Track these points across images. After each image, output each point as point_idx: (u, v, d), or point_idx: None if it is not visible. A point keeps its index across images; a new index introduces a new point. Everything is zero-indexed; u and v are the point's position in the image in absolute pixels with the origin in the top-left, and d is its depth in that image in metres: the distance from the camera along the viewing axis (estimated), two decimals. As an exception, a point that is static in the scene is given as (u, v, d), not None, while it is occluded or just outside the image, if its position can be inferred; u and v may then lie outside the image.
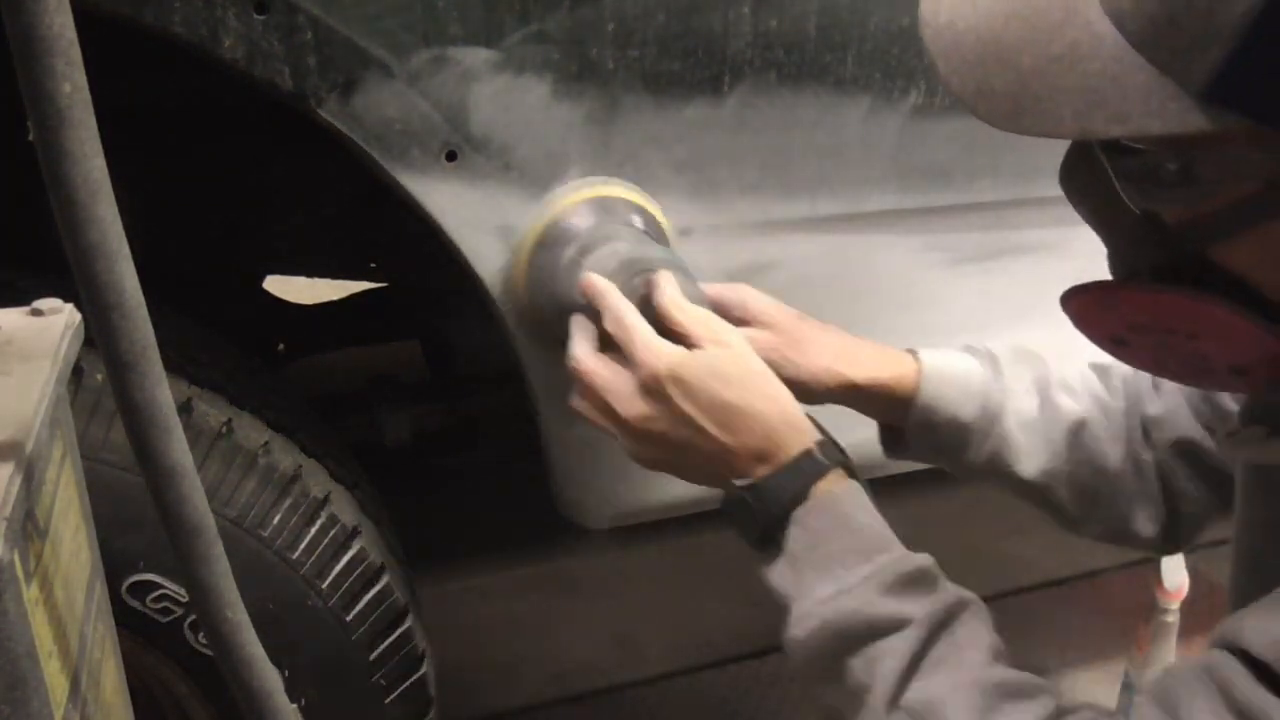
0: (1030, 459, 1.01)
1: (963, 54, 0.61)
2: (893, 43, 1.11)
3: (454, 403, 1.70)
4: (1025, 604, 2.25)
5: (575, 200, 1.02)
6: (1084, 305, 0.68)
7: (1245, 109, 0.51)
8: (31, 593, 0.55)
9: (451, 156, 0.99)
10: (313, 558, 1.03)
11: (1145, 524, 1.02)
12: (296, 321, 1.87)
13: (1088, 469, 1.02)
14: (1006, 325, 1.36)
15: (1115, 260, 0.65)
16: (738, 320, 0.96)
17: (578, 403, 0.89)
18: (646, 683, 2.00)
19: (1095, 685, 2.01)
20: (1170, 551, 1.04)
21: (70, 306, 0.71)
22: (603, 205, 1.03)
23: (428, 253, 1.12)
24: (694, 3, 1.02)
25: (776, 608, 0.84)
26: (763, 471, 0.81)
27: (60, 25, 0.51)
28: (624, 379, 0.84)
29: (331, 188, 1.51)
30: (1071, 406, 1.02)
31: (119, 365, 0.58)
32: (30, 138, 0.52)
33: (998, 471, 1.02)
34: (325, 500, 1.06)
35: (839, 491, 0.81)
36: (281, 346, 1.83)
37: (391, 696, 1.12)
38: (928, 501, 2.51)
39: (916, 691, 0.73)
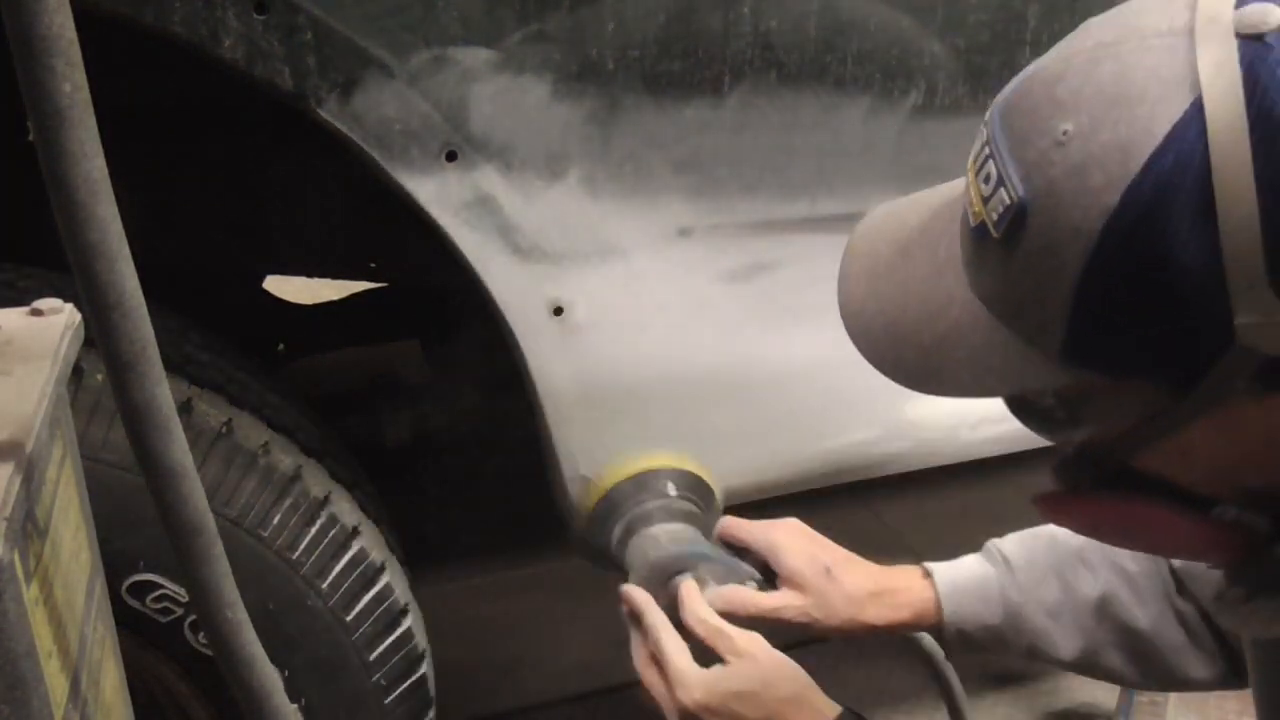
0: (1067, 642, 1.05)
1: (874, 335, 0.73)
2: (893, 43, 1.11)
3: (454, 403, 1.70)
4: (1025, 604, 2.25)
5: (616, 479, 1.20)
6: (1045, 511, 0.75)
7: (1095, 367, 0.61)
8: (31, 593, 0.55)
9: (451, 156, 0.99)
10: (313, 558, 1.03)
11: (1203, 669, 1.03)
12: (296, 321, 1.87)
13: (1126, 636, 1.04)
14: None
15: (1062, 472, 0.72)
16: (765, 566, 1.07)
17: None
18: (646, 683, 2.00)
19: (1095, 685, 2.01)
20: (1243, 685, 1.06)
21: (70, 306, 0.71)
22: (639, 484, 1.19)
23: (428, 253, 1.12)
24: (694, 3, 1.02)
25: None
26: None
27: (60, 25, 0.51)
28: (667, 700, 0.99)
29: (331, 188, 1.51)
30: (1091, 584, 1.05)
31: (119, 365, 0.58)
32: (30, 138, 0.52)
33: (1042, 658, 1.07)
34: (325, 500, 1.06)
35: None
36: (281, 346, 1.83)
37: (391, 696, 1.12)
38: (928, 502, 2.51)
39: None
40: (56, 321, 0.70)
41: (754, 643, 0.98)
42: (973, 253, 0.65)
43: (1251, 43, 0.54)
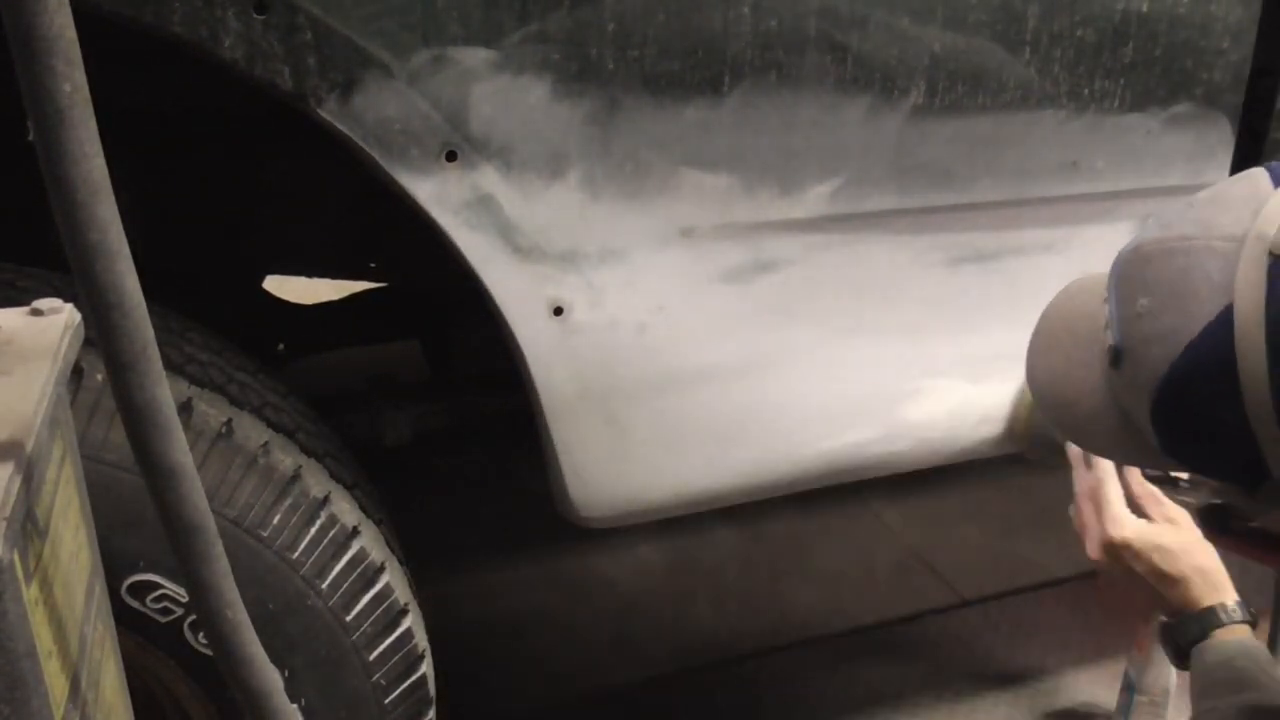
0: None
1: (1043, 396, 0.94)
2: (892, 43, 1.11)
3: (454, 403, 1.70)
4: (1025, 604, 2.25)
5: None
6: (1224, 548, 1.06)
7: (1186, 467, 0.85)
8: (31, 593, 0.55)
9: (451, 156, 0.99)
10: (313, 558, 1.03)
11: None
12: (296, 321, 1.87)
13: None
14: (1006, 325, 1.36)
15: (1202, 522, 1.07)
16: None
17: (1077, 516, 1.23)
18: (646, 683, 2.00)
19: (1095, 685, 2.01)
20: None
21: (70, 306, 0.71)
22: None
23: (428, 253, 1.12)
24: (694, 3, 1.02)
25: (775, 608, 0.90)
26: (1183, 613, 1.12)
27: (60, 25, 0.51)
28: (1095, 530, 1.17)
29: (331, 188, 1.51)
30: None
31: (119, 365, 0.58)
32: (30, 138, 0.52)
33: None
34: (325, 500, 1.06)
35: (1231, 640, 1.09)
36: (281, 346, 1.83)
37: (391, 696, 1.12)
38: (928, 502, 2.52)
39: None
40: (56, 321, 0.70)
41: (1181, 515, 1.14)
42: (1104, 358, 0.83)
43: (1279, 262, 0.69)
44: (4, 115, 0.73)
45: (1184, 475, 1.12)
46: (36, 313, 0.71)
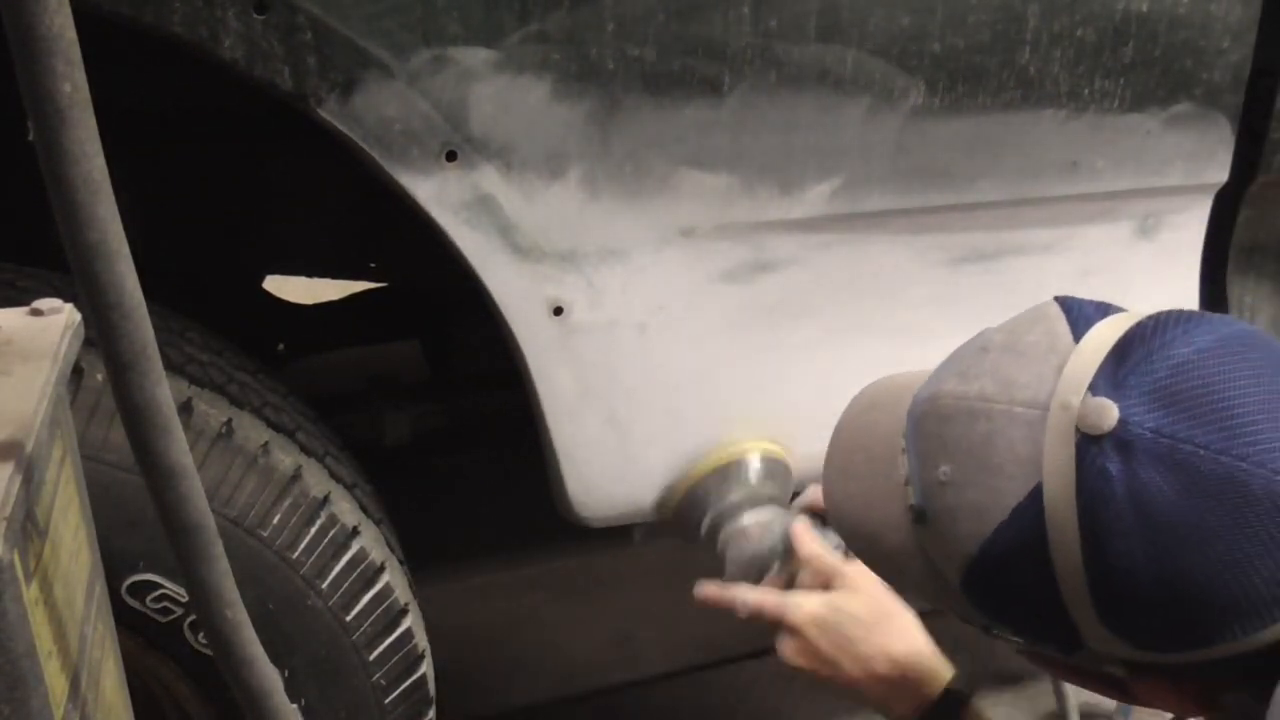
0: None
1: (846, 528, 0.89)
2: (893, 43, 1.11)
3: (454, 403, 1.70)
4: (1025, 604, 2.24)
5: (700, 473, 1.24)
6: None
7: (1002, 628, 0.76)
8: (31, 593, 0.55)
9: (451, 156, 0.99)
10: (313, 558, 1.03)
11: None
12: (296, 321, 1.87)
13: None
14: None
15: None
16: None
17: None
18: (646, 683, 2.00)
19: (1095, 685, 2.01)
20: None
21: (70, 306, 0.71)
22: (723, 474, 1.24)
23: (428, 253, 1.12)
24: (694, 3, 1.02)
25: None
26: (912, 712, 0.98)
27: (60, 25, 0.51)
28: (788, 611, 1.04)
29: (331, 188, 1.51)
30: None
31: (119, 365, 0.58)
32: (30, 138, 0.52)
33: None
34: (325, 500, 1.06)
35: None
36: (281, 346, 1.83)
37: (391, 696, 1.12)
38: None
39: None
40: (56, 321, 0.70)
41: (865, 574, 1.02)
42: (906, 511, 0.77)
43: (1088, 442, 0.64)
44: (4, 115, 0.73)
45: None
46: (36, 313, 0.71)
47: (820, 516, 1.12)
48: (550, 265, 1.08)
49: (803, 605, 1.03)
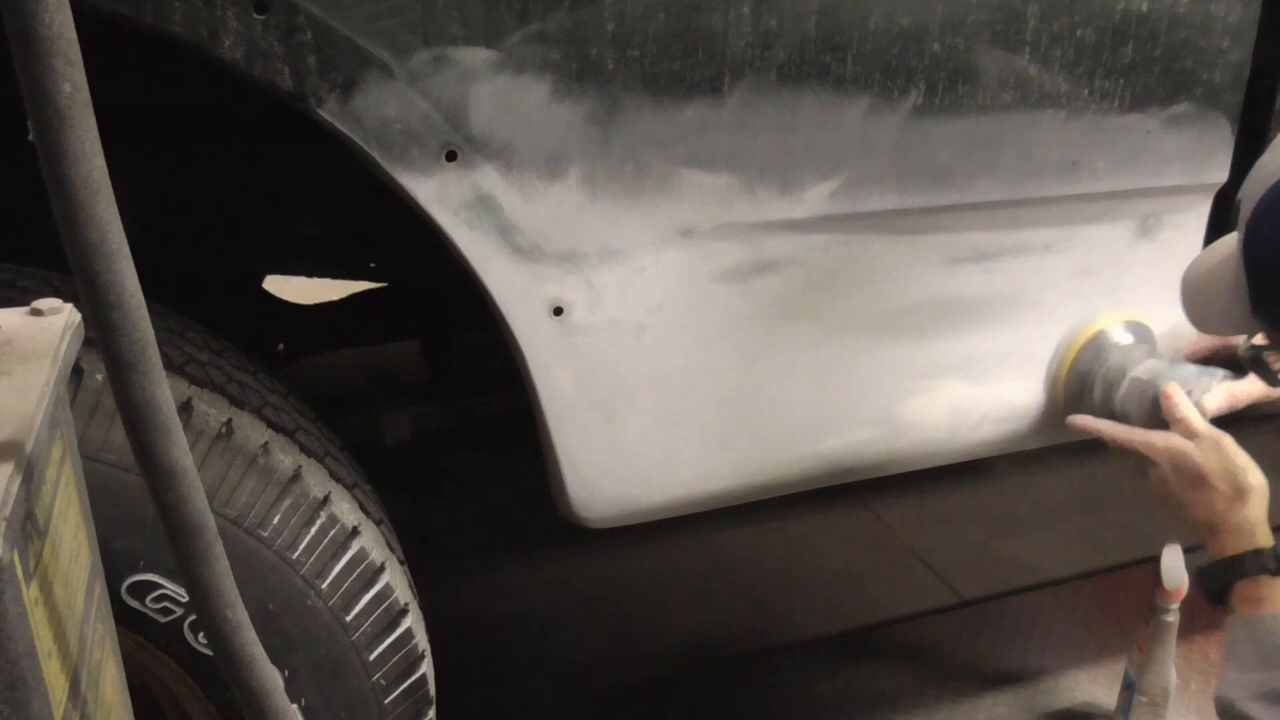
0: None
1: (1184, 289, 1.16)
2: (893, 43, 1.11)
3: (454, 403, 1.70)
4: (1025, 604, 2.25)
5: (1089, 334, 1.42)
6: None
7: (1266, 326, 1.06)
8: (31, 593, 0.55)
9: (451, 156, 0.99)
10: (313, 558, 1.03)
11: None
12: (296, 321, 1.87)
13: None
14: (1006, 325, 1.36)
15: None
16: None
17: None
18: (647, 682, 2.01)
19: (1095, 685, 2.01)
20: None
21: (70, 306, 0.71)
22: (1100, 342, 1.41)
23: (428, 253, 1.12)
24: (694, 3, 1.02)
25: (775, 608, 0.87)
26: (1215, 553, 1.20)
27: (60, 25, 0.51)
28: (1181, 426, 1.27)
29: (331, 188, 1.51)
30: None
31: (119, 365, 0.58)
32: (30, 138, 0.52)
33: None
34: (325, 500, 1.06)
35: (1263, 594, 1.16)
36: (281, 346, 1.83)
37: (391, 696, 1.12)
38: (928, 502, 2.52)
39: None
40: (56, 321, 0.70)
41: (1221, 440, 1.22)
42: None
43: None
44: (4, 115, 0.73)
45: (1263, 343, 1.20)
46: (36, 313, 0.71)
47: (1198, 361, 1.36)
48: (550, 265, 1.08)
49: (1160, 443, 1.24)
